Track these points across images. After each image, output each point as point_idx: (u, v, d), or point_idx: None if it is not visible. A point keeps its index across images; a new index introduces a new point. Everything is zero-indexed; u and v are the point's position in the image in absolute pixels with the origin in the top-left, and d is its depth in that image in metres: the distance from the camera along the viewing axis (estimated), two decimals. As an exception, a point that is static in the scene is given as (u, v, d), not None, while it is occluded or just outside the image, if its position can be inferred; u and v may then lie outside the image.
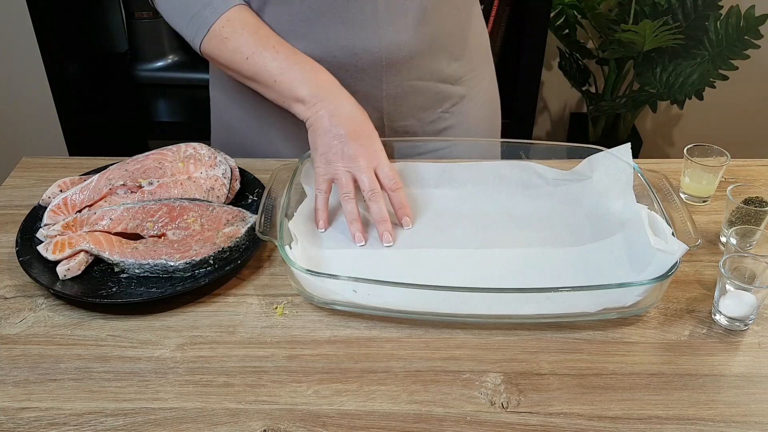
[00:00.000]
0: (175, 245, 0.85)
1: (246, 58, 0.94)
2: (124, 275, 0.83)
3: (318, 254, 0.86)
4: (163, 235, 0.87)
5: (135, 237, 0.88)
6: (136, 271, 0.83)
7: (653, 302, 0.80)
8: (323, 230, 0.91)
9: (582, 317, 0.79)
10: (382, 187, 0.91)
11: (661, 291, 0.79)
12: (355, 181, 0.91)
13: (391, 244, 0.88)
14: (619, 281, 0.79)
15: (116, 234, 0.87)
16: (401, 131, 1.09)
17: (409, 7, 0.97)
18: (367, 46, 0.97)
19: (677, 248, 0.78)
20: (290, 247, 0.82)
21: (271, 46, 0.94)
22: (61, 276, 0.82)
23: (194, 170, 0.95)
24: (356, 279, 0.77)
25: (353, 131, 0.91)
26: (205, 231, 0.87)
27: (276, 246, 0.83)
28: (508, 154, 1.04)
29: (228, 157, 0.99)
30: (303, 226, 0.89)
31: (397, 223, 0.92)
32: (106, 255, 0.84)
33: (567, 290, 0.77)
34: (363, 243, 0.88)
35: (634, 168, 0.94)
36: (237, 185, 0.98)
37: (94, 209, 0.90)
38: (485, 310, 0.78)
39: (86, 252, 0.84)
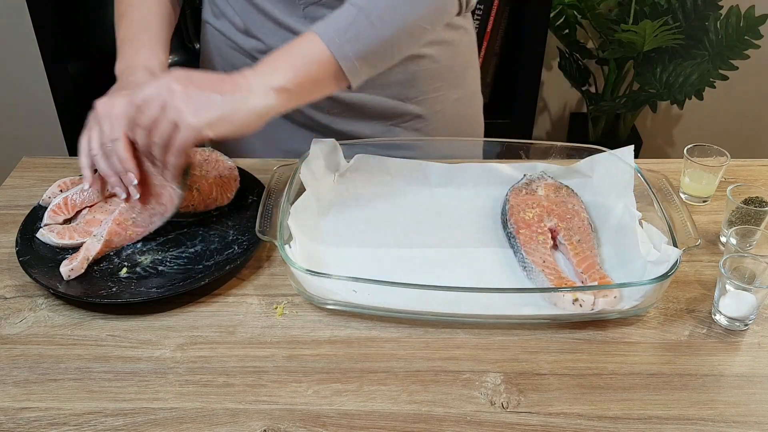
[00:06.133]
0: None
1: None
2: (124, 275, 0.84)
3: (317, 252, 0.86)
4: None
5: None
6: (141, 258, 0.85)
7: (653, 302, 0.80)
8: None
9: (582, 317, 0.79)
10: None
11: (661, 291, 0.79)
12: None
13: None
14: (619, 281, 0.79)
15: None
16: (348, 136, 1.06)
17: None
18: None
19: (672, 254, 0.78)
20: (290, 247, 0.82)
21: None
22: (65, 276, 0.82)
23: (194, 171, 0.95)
24: (356, 279, 0.77)
25: None
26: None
27: (276, 246, 0.83)
28: (508, 154, 1.04)
29: (228, 158, 0.99)
30: (301, 222, 0.88)
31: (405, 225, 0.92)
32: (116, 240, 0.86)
33: (567, 290, 0.77)
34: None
35: (635, 170, 0.94)
36: (237, 185, 0.97)
37: (94, 210, 0.90)
38: (485, 310, 0.78)
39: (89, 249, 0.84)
